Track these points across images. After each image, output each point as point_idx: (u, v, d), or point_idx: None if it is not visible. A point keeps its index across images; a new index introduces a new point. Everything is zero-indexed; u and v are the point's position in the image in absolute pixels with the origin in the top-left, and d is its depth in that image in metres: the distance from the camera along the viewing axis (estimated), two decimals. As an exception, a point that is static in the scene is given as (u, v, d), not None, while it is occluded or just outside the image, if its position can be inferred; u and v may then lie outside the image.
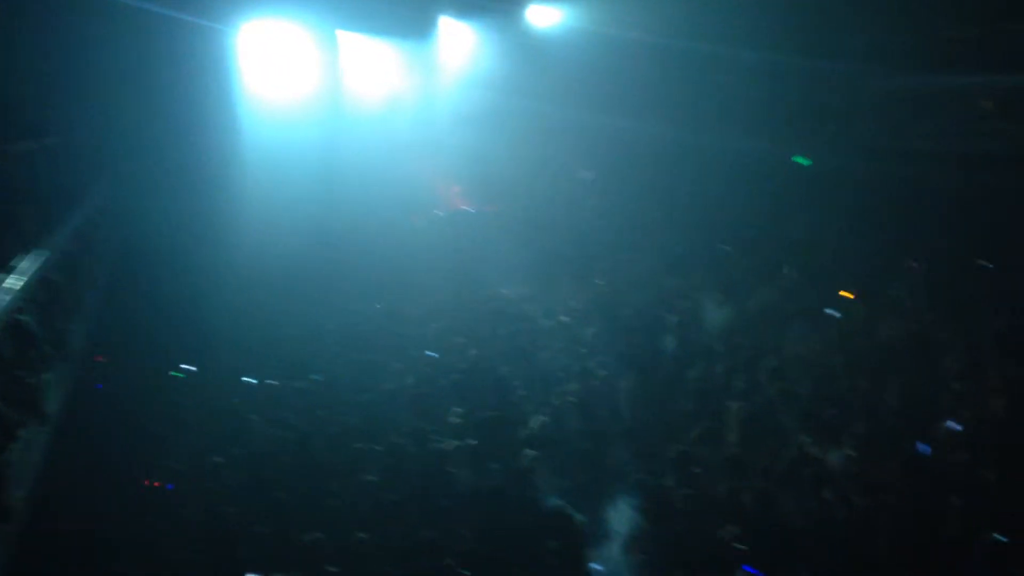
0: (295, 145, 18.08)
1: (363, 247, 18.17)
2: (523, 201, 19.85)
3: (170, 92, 16.39)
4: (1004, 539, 6.19)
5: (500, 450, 9.26)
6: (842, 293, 12.10)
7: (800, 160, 16.19)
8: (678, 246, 17.59)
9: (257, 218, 16.90)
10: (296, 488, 8.85)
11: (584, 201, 20.40)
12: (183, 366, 12.50)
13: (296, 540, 7.78)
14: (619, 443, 9.38)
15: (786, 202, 16.18)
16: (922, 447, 7.78)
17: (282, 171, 17.60)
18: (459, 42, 20.75)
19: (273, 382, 12.12)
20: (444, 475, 9.02)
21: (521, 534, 7.75)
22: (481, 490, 8.55)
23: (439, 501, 8.45)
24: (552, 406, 10.60)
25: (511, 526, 7.91)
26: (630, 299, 14.91)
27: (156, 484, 9.50)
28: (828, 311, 11.97)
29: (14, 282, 9.24)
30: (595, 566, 6.56)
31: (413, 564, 7.38)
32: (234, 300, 15.15)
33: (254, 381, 12.24)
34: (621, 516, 7.49)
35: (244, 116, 18.09)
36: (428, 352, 12.84)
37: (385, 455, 9.63)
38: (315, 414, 10.91)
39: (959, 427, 7.96)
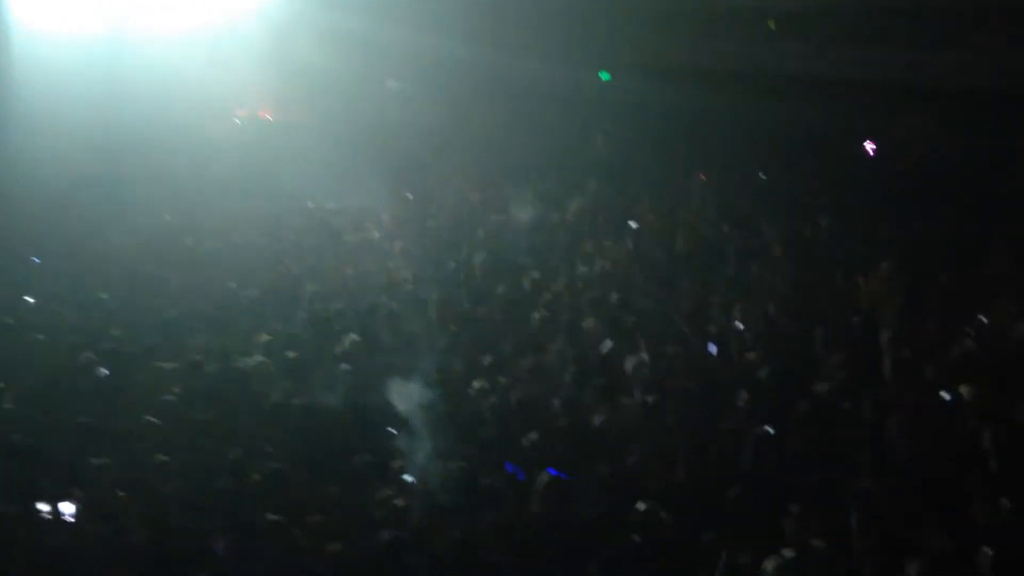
0: (79, 56, 16.66)
1: (155, 157, 17.11)
2: (330, 112, 19.24)
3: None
4: (772, 431, 6.78)
5: (307, 367, 9.10)
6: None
7: (603, 75, 16.64)
8: (488, 161, 17.75)
9: (37, 129, 15.69)
10: (89, 410, 8.35)
11: (393, 114, 20.05)
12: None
13: (88, 464, 7.38)
14: (429, 355, 9.45)
15: (589, 121, 16.63)
16: (712, 347, 8.34)
17: (65, 82, 16.26)
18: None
19: (58, 304, 11.36)
20: (248, 393, 8.78)
21: (333, 450, 7.71)
22: (289, 407, 8.39)
23: (244, 419, 8.23)
24: (361, 321, 10.52)
25: (322, 442, 7.85)
26: (439, 214, 14.94)
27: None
28: (630, 223, 12.48)
29: None
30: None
31: (218, 483, 7.20)
32: (10, 211, 13.96)
33: (31, 300, 11.45)
34: (433, 424, 7.59)
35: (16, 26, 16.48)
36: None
37: (186, 374, 9.25)
38: (108, 334, 10.30)
39: (742, 327, 8.58)
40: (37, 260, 13.43)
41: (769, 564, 5.62)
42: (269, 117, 20.14)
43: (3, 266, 12.76)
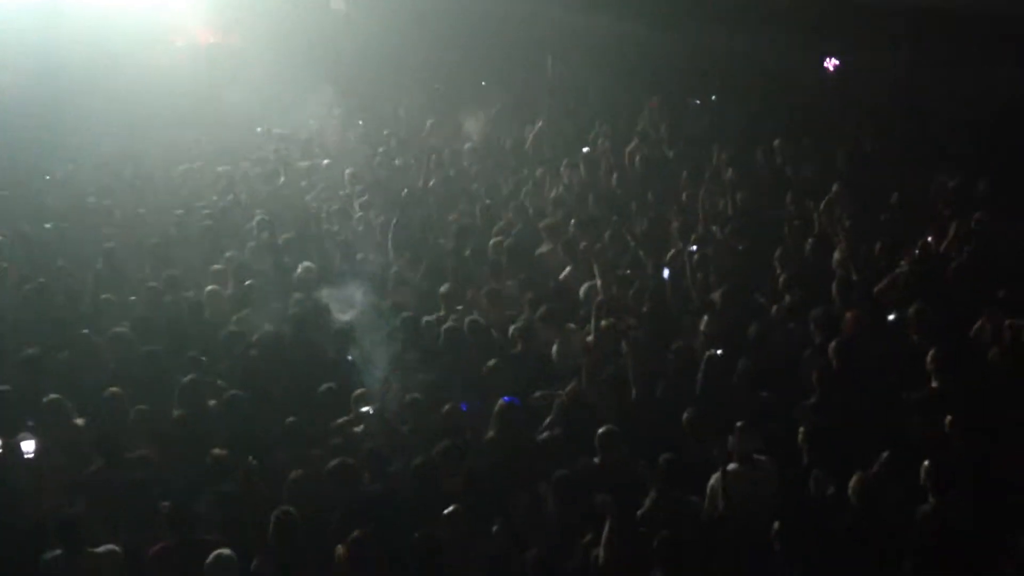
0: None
1: (93, 83, 16.57)
2: (272, 32, 18.68)
3: None
4: (719, 352, 6.99)
5: (264, 295, 9.00)
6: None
7: None
8: (438, 84, 17.48)
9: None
10: (42, 342, 8.22)
11: (339, 37, 19.57)
12: None
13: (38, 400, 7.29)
14: (382, 281, 9.41)
15: (545, 49, 16.49)
16: (666, 271, 8.39)
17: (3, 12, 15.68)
18: None
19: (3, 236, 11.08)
20: (201, 321, 8.66)
21: (289, 379, 7.70)
22: (244, 334, 8.30)
23: (199, 345, 8.14)
24: (317, 247, 10.40)
25: (277, 371, 7.82)
26: (389, 139, 14.71)
27: None
28: (583, 149, 12.42)
29: None
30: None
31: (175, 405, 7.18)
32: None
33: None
34: (388, 350, 7.61)
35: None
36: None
37: (136, 304, 9.13)
38: (55, 265, 10.09)
39: (694, 248, 8.64)
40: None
41: (716, 479, 5.83)
42: (212, 41, 19.54)
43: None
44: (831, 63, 13.35)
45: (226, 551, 5.39)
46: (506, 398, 6.79)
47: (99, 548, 5.78)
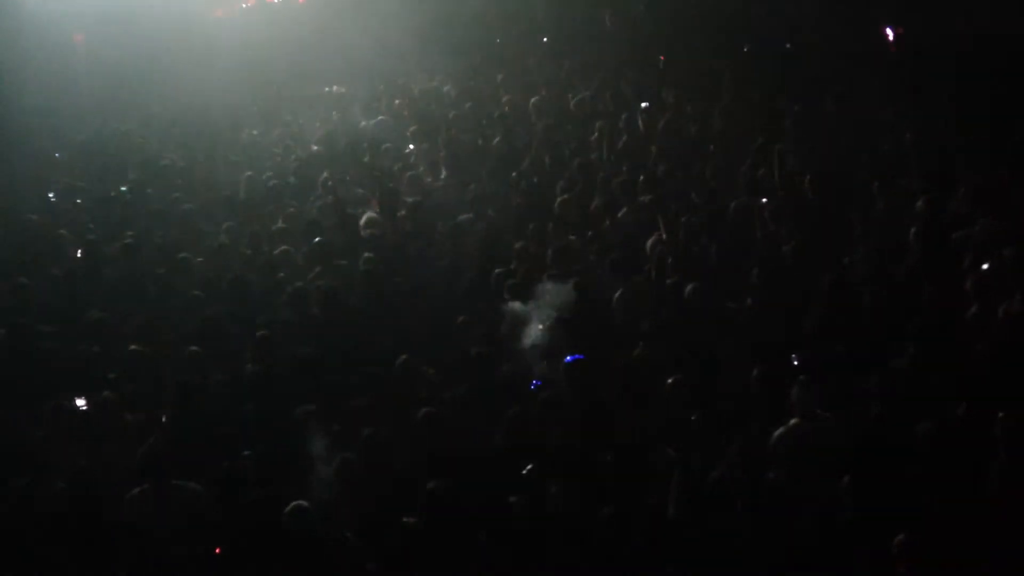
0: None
1: (160, 42, 16.80)
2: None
3: None
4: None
5: (327, 255, 9.14)
6: None
7: None
8: (480, 48, 17.09)
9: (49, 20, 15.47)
10: (115, 306, 8.48)
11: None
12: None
13: (119, 354, 7.56)
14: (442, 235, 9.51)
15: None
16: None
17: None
18: None
19: (77, 199, 11.44)
20: (276, 286, 8.80)
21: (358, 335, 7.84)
22: (307, 291, 8.44)
23: (271, 314, 8.23)
24: (379, 203, 10.46)
25: (348, 328, 7.96)
26: (450, 97, 14.70)
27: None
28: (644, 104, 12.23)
29: None
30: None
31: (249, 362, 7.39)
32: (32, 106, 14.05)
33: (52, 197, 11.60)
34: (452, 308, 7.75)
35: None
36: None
37: (204, 266, 9.28)
38: (128, 226, 10.37)
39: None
40: (58, 155, 13.51)
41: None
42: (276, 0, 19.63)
43: (26, 162, 12.85)
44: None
45: (303, 503, 5.56)
46: (569, 357, 6.83)
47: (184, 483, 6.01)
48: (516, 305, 7.55)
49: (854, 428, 5.88)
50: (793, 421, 5.89)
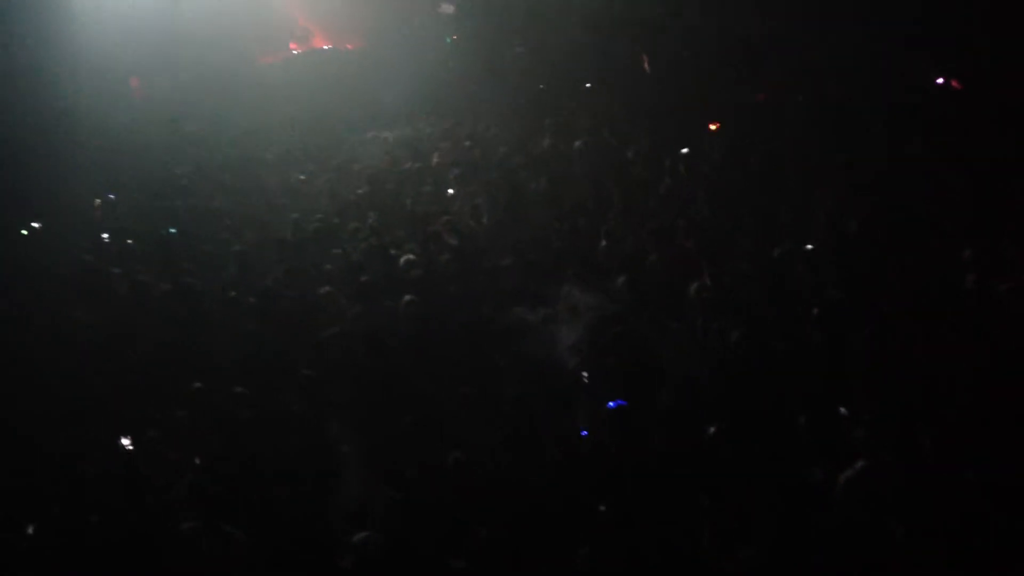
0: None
1: (210, 87, 17.29)
2: (383, 39, 19.11)
3: None
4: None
5: (371, 291, 9.25)
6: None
7: None
8: (540, 82, 17.49)
9: (105, 68, 15.93)
10: (165, 340, 8.65)
11: (445, 41, 19.83)
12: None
13: (177, 392, 7.71)
14: (482, 277, 9.57)
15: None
16: None
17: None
18: None
19: (128, 240, 11.71)
20: (321, 312, 8.92)
21: (394, 374, 7.91)
22: (354, 331, 8.54)
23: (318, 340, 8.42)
24: (422, 245, 10.61)
25: (389, 366, 8.04)
26: (494, 139, 14.89)
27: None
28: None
29: None
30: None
31: (294, 402, 7.48)
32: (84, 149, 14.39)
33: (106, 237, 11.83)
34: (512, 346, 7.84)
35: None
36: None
37: (259, 304, 9.45)
38: (179, 267, 10.60)
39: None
40: (112, 196, 13.87)
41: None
42: (326, 46, 20.11)
43: (79, 204, 13.20)
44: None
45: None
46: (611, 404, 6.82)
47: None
48: (558, 346, 7.58)
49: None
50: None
